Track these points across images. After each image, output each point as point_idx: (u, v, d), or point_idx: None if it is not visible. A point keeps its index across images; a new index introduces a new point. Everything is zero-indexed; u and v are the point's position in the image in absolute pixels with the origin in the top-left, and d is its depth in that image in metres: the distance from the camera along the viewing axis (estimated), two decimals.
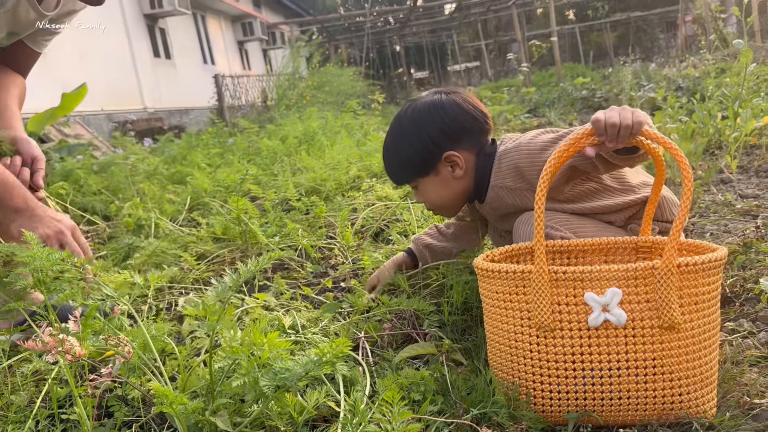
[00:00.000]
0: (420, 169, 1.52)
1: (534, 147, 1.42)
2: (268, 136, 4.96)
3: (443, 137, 1.48)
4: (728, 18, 15.49)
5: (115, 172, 3.86)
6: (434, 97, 1.53)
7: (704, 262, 1.08)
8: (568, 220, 1.44)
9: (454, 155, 1.48)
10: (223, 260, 2.22)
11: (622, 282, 1.08)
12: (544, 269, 1.12)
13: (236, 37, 17.57)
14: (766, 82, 6.11)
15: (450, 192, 1.53)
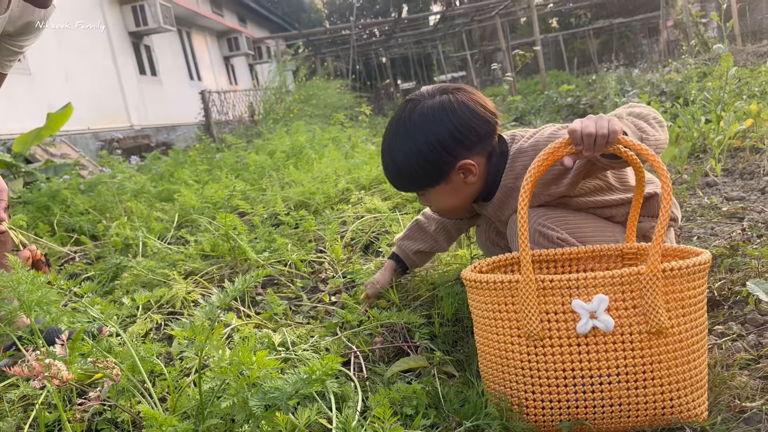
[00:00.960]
0: (430, 180, 1.42)
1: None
2: (255, 151, 4.95)
3: (456, 145, 1.37)
4: (708, 22, 15.71)
5: (102, 191, 3.84)
6: (442, 98, 1.40)
7: (689, 266, 1.09)
8: (564, 219, 1.42)
9: (468, 163, 1.38)
10: (212, 277, 2.21)
11: (609, 288, 1.09)
12: (531, 278, 1.12)
13: (222, 53, 17.58)
14: (748, 85, 6.19)
15: (460, 198, 1.46)
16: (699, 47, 12.54)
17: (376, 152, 4.50)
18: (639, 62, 17.84)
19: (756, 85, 6.03)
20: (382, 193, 3.22)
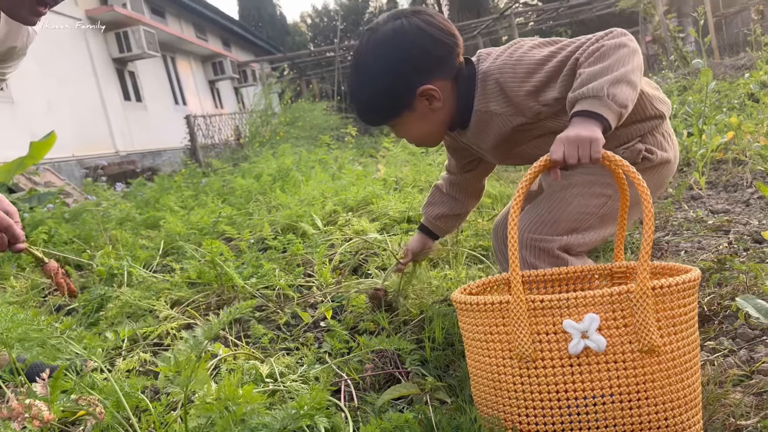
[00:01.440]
0: (394, 110, 1.38)
1: (520, 70, 1.32)
2: (242, 175, 4.93)
3: (413, 72, 1.32)
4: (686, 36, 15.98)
5: (87, 219, 3.80)
6: (395, 24, 1.33)
7: (678, 283, 1.08)
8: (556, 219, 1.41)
9: (429, 89, 1.33)
10: (198, 306, 2.18)
11: (599, 307, 1.08)
12: (521, 298, 1.11)
13: (207, 77, 17.61)
14: (727, 98, 6.28)
15: (430, 125, 1.41)
16: (678, 61, 12.75)
17: (363, 173, 4.50)
18: None
19: (735, 97, 6.13)
20: (370, 215, 3.21)
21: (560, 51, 1.31)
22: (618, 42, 1.24)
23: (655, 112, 1.42)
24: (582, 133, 1.13)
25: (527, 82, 1.31)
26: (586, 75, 1.21)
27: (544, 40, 1.37)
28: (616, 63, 1.21)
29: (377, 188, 3.57)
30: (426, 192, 3.57)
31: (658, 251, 2.33)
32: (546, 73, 1.31)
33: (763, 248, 2.04)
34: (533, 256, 1.46)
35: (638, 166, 1.42)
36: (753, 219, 2.47)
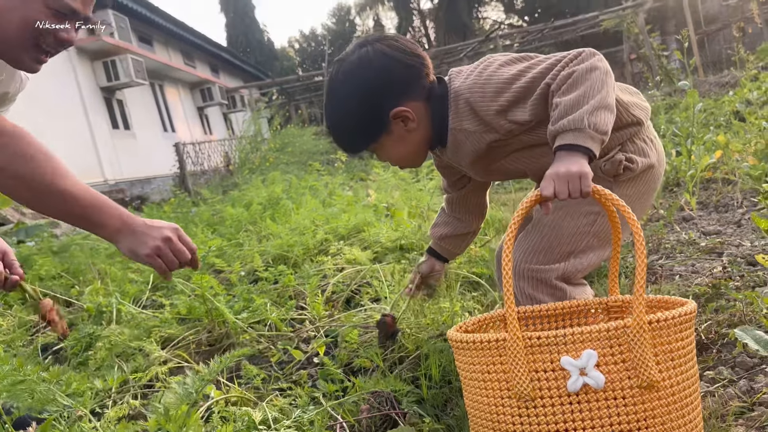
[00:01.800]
0: (370, 136, 1.40)
1: (489, 90, 1.33)
2: (231, 204, 4.91)
3: (383, 96, 1.35)
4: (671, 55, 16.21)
5: (75, 253, 3.75)
6: (360, 52, 1.37)
7: (675, 317, 1.07)
8: (549, 246, 1.41)
9: (402, 110, 1.35)
10: (188, 343, 2.14)
11: (596, 343, 1.06)
12: (518, 335, 1.09)
13: (196, 103, 17.64)
14: (713, 115, 6.35)
15: (409, 146, 1.42)
16: (663, 79, 12.91)
17: (354, 199, 4.48)
18: None
19: (721, 115, 6.20)
20: (362, 243, 3.18)
21: (529, 70, 1.31)
22: (589, 66, 1.24)
23: (632, 119, 1.41)
24: (572, 169, 1.14)
25: (495, 102, 1.32)
26: (563, 106, 1.22)
27: (514, 56, 1.37)
28: (590, 89, 1.22)
29: (368, 215, 3.55)
30: (417, 219, 3.56)
31: (652, 275, 2.33)
32: (514, 93, 1.31)
33: (758, 272, 2.04)
34: (531, 287, 1.44)
35: (621, 176, 1.42)
36: (745, 240, 2.47)
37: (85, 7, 1.33)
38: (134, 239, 1.27)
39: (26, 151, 1.19)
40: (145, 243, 1.26)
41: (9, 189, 1.22)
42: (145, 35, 15.28)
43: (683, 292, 2.00)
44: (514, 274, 1.47)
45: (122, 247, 1.28)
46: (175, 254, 1.29)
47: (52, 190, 1.20)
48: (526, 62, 1.33)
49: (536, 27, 17.31)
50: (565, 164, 1.16)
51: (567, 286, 1.44)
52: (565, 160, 1.17)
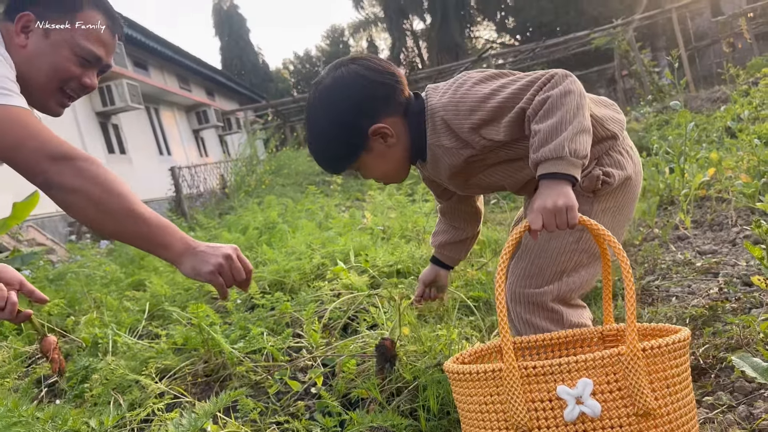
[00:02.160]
0: (351, 156, 1.43)
1: (463, 108, 1.35)
2: (227, 229, 4.90)
3: (360, 115, 1.38)
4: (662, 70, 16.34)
5: (71, 281, 3.73)
6: (335, 73, 1.41)
7: (668, 344, 1.07)
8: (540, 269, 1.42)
9: (380, 127, 1.38)
10: (185, 374, 2.13)
11: (592, 372, 1.06)
12: (514, 365, 1.09)
13: (191, 126, 17.68)
14: (705, 131, 6.39)
15: (391, 161, 1.45)
16: (655, 94, 13.02)
17: (350, 222, 4.48)
18: None
19: (713, 130, 6.24)
20: (358, 267, 3.18)
21: (502, 89, 1.32)
22: (563, 90, 1.26)
23: (606, 133, 1.42)
24: (558, 203, 1.18)
25: (469, 119, 1.34)
26: (542, 134, 1.24)
27: (489, 74, 1.38)
28: (567, 114, 1.24)
29: (364, 239, 3.55)
30: (413, 242, 3.56)
31: (648, 297, 2.33)
32: (487, 112, 1.32)
33: (753, 292, 2.04)
34: (527, 311, 1.45)
35: (600, 191, 1.43)
36: (741, 260, 2.47)
37: (108, 55, 1.44)
38: (196, 259, 1.31)
39: (99, 174, 1.25)
40: (208, 261, 1.30)
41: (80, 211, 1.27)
42: (141, 60, 15.36)
43: (680, 314, 2.00)
44: (510, 300, 1.48)
45: (185, 267, 1.33)
46: (233, 272, 1.33)
47: (123, 212, 1.26)
48: (500, 80, 1.35)
49: (528, 46, 17.47)
50: (552, 197, 1.19)
51: (563, 308, 1.44)
52: (551, 192, 1.20)
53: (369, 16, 29.94)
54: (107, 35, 1.44)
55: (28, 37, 1.38)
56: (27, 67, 1.36)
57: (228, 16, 33.12)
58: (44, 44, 1.39)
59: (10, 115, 1.23)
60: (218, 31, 33.36)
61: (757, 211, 3.13)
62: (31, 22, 1.38)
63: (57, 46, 1.39)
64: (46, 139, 1.24)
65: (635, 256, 2.91)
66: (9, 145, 1.22)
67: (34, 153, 1.22)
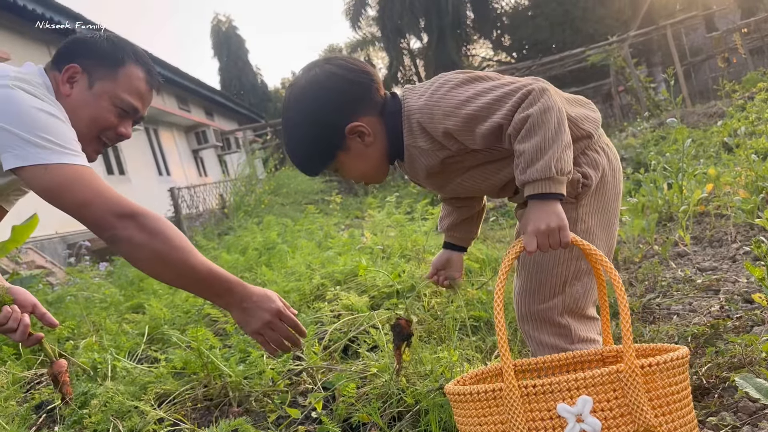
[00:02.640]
0: (328, 156, 1.43)
1: (438, 112, 1.34)
2: (227, 249, 4.89)
3: (335, 116, 1.38)
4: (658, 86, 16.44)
5: (70, 305, 3.72)
6: (309, 75, 1.41)
7: (666, 361, 1.08)
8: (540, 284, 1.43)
9: (356, 125, 1.38)
10: (184, 399, 2.11)
11: (591, 389, 1.06)
12: (513, 384, 1.09)
13: (191, 146, 17.74)
14: (702, 146, 6.42)
15: (369, 161, 1.44)
16: (651, 110, 13.09)
17: (350, 241, 4.48)
18: None
19: (711, 145, 6.27)
20: (358, 287, 3.17)
21: (478, 97, 1.31)
22: (542, 107, 1.26)
23: (581, 132, 1.42)
24: (551, 225, 1.22)
25: (443, 124, 1.34)
26: (528, 154, 1.25)
27: (468, 76, 1.37)
28: (549, 132, 1.24)
29: (364, 259, 3.55)
30: (414, 261, 3.56)
31: (650, 315, 2.32)
32: (462, 118, 1.32)
33: (755, 310, 2.03)
34: (535, 329, 1.45)
35: (582, 194, 1.42)
36: (741, 277, 2.47)
37: (144, 107, 1.55)
38: (243, 314, 1.41)
39: (162, 229, 1.34)
40: (248, 322, 1.41)
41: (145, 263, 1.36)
42: None
43: (681, 333, 1.99)
44: (519, 320, 1.49)
45: (235, 317, 1.43)
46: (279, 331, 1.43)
47: (183, 265, 1.34)
48: (478, 85, 1.33)
49: (524, 64, 17.61)
50: (544, 220, 1.23)
51: (573, 321, 1.44)
52: (542, 214, 1.24)
53: (366, 35, 30.18)
54: (145, 88, 1.55)
55: (73, 87, 1.48)
56: (70, 115, 1.44)
57: (227, 37, 33.38)
58: (87, 95, 1.49)
59: (80, 175, 1.32)
60: (217, 52, 33.59)
61: (757, 226, 3.14)
62: (77, 73, 1.49)
63: (99, 98, 1.49)
64: (113, 197, 1.33)
65: (635, 273, 2.91)
66: (80, 202, 1.32)
67: (103, 210, 1.31)
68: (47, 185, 1.31)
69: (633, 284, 2.78)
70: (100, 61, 1.50)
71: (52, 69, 1.51)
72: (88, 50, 1.52)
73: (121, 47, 1.54)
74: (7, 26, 9.87)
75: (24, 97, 1.33)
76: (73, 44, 1.54)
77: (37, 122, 1.31)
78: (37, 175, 1.31)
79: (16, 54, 9.52)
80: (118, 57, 1.52)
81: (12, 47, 9.65)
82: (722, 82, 7.52)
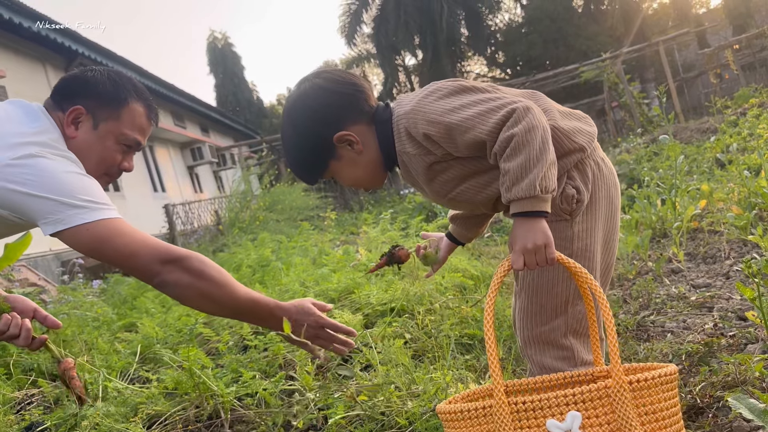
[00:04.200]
0: (320, 164, 1.49)
1: (422, 119, 1.36)
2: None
3: (322, 126, 1.44)
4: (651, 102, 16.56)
5: (62, 322, 3.68)
6: (299, 90, 1.49)
7: (654, 377, 1.09)
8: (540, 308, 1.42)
9: (344, 134, 1.43)
10: (175, 420, 2.09)
11: (580, 405, 1.07)
12: (504, 401, 1.10)
13: (186, 162, 17.74)
14: (696, 162, 6.45)
15: (362, 168, 1.48)
16: (645, 126, 13.18)
17: (344, 258, 4.47)
18: None
19: (704, 161, 6.30)
20: (352, 305, 3.16)
21: (463, 109, 1.32)
22: (527, 126, 1.26)
23: (574, 146, 1.40)
24: (537, 242, 1.24)
25: (426, 129, 1.35)
26: (512, 173, 1.26)
27: (458, 86, 1.38)
28: (534, 151, 1.25)
29: (358, 276, 3.53)
30: (408, 279, 3.54)
31: (644, 333, 2.31)
32: (444, 126, 1.33)
33: (748, 327, 2.03)
34: (539, 352, 1.44)
35: (575, 210, 1.40)
36: (735, 294, 2.47)
37: (145, 138, 1.61)
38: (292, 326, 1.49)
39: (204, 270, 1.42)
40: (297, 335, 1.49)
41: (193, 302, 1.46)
42: None
43: (676, 351, 1.98)
44: (522, 345, 1.48)
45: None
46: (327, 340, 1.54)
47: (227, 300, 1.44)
48: (465, 97, 1.35)
49: (518, 80, 17.74)
50: (530, 238, 1.25)
51: (576, 342, 1.42)
52: (528, 233, 1.25)
53: (362, 52, 30.36)
54: (147, 123, 1.61)
55: (78, 129, 1.53)
56: (77, 156, 1.48)
57: (222, 54, 33.55)
58: (92, 136, 1.53)
59: (119, 227, 1.39)
60: (213, 68, 33.72)
61: (750, 242, 3.14)
62: (82, 115, 1.53)
63: (104, 138, 1.54)
64: (155, 245, 1.41)
65: (629, 290, 2.91)
66: (127, 254, 1.39)
67: (148, 259, 1.38)
68: (92, 244, 1.37)
69: (627, 301, 2.78)
70: (103, 102, 1.54)
71: (55, 108, 1.54)
72: (90, 91, 1.55)
73: (123, 86, 1.57)
74: (3, 43, 9.90)
75: (50, 164, 1.38)
76: (74, 83, 1.57)
77: (67, 185, 1.37)
78: (79, 235, 1.36)
79: (11, 71, 9.54)
80: (120, 97, 1.55)
81: (7, 64, 9.68)
82: (714, 99, 7.58)
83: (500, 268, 1.24)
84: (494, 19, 29.18)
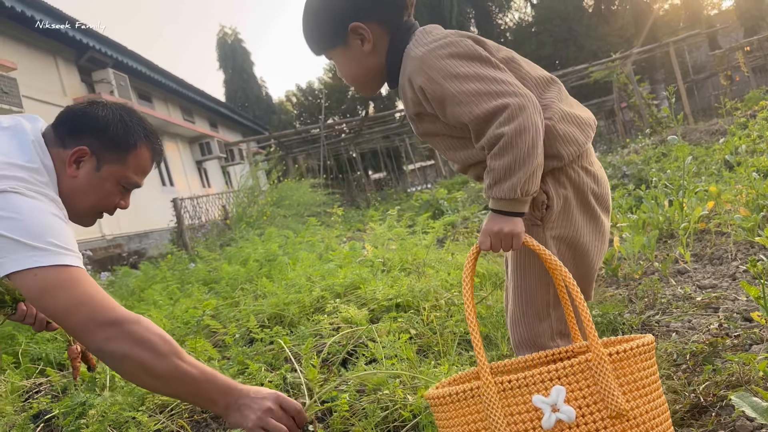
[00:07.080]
0: (329, 40, 1.44)
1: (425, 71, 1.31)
2: (228, 261, 4.90)
3: (352, 8, 1.39)
4: (660, 102, 16.48)
5: None
6: None
7: (633, 348, 1.13)
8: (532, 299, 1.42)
9: (360, 27, 1.39)
10: (182, 410, 2.11)
11: (564, 380, 1.11)
12: (490, 381, 1.13)
13: (194, 157, 17.80)
14: (704, 163, 6.43)
15: (362, 68, 1.45)
16: (654, 126, 13.13)
17: (350, 254, 4.48)
18: (599, 144, 18.53)
19: (712, 163, 6.27)
20: (358, 300, 3.17)
21: (467, 81, 1.27)
22: (518, 128, 1.22)
23: (556, 152, 1.34)
24: (504, 230, 1.27)
25: (425, 85, 1.32)
26: (496, 173, 1.26)
27: (471, 51, 1.32)
28: (520, 155, 1.23)
29: (364, 272, 3.55)
30: (414, 275, 3.56)
31: (649, 332, 2.32)
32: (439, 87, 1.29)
33: (753, 328, 2.03)
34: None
35: (546, 216, 1.37)
36: (741, 295, 2.47)
37: (142, 180, 1.57)
38: (239, 414, 1.34)
39: (147, 337, 1.26)
40: (248, 417, 1.33)
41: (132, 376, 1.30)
42: (145, 93, 15.55)
43: (680, 350, 1.99)
44: (515, 350, 1.50)
45: (230, 420, 1.36)
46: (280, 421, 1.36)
47: (171, 374, 1.27)
48: (474, 67, 1.29)
49: None
50: (499, 224, 1.28)
51: (563, 343, 1.44)
52: (500, 222, 1.28)
53: None
54: (150, 165, 1.57)
55: (80, 168, 1.45)
56: (73, 194, 1.44)
57: (232, 49, 33.60)
58: (94, 177, 1.47)
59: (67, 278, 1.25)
60: (222, 64, 33.77)
61: (757, 244, 3.14)
62: (86, 155, 1.45)
63: (105, 180, 1.48)
64: (97, 305, 1.25)
65: (635, 289, 2.91)
66: (61, 308, 1.24)
67: (84, 319, 1.24)
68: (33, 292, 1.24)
69: (633, 301, 2.78)
70: (111, 146, 1.48)
71: (56, 143, 1.45)
72: (99, 132, 1.47)
73: (133, 130, 1.51)
74: (14, 36, 9.96)
75: (22, 202, 1.27)
76: (83, 119, 1.49)
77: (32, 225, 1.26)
78: (26, 279, 1.23)
79: (22, 64, 9.60)
80: (129, 143, 1.50)
81: (18, 57, 9.74)
82: (723, 100, 7.54)
83: (471, 250, 1.29)
84: (504, 18, 29.11)
